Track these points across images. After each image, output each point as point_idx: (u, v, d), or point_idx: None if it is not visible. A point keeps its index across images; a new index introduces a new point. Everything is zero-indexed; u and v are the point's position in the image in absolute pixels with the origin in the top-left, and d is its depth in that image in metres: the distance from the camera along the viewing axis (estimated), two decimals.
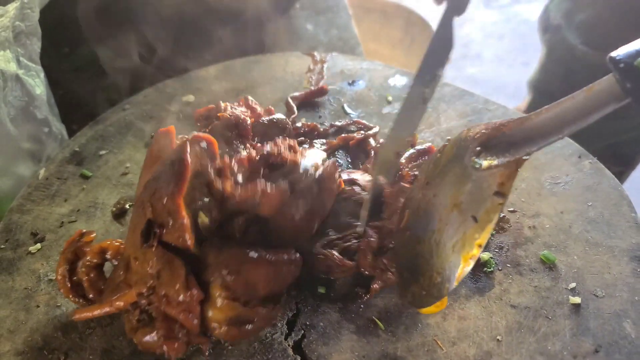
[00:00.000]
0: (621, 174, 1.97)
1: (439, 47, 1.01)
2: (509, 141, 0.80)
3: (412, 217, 0.95)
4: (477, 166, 0.82)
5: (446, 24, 1.01)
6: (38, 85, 1.32)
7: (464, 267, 0.82)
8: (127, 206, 1.19)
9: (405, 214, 0.97)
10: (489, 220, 0.80)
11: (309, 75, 1.53)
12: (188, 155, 0.86)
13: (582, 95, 0.75)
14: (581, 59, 1.78)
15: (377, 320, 0.96)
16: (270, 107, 1.27)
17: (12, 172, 1.28)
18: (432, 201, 0.89)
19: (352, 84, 1.49)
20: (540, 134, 0.78)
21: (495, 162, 0.80)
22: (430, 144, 1.19)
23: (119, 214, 1.18)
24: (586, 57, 1.77)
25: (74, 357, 0.94)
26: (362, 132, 1.30)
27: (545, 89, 2.06)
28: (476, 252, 0.81)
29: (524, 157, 0.79)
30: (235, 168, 0.94)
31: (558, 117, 0.76)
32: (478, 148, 0.83)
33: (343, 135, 1.29)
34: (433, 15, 2.79)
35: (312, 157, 0.99)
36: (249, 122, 1.09)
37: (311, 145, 1.25)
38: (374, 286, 0.97)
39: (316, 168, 0.97)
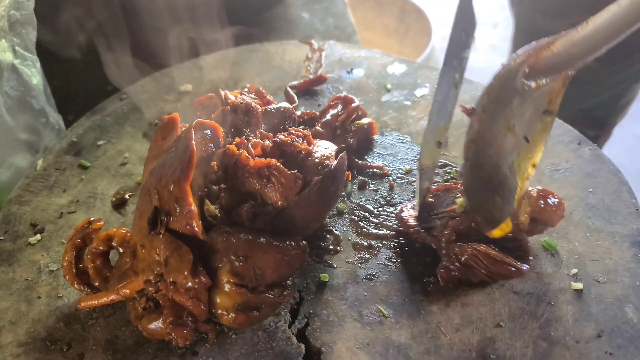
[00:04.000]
0: (597, 138, 2.03)
1: (462, 28, 0.99)
2: (556, 59, 0.81)
3: (473, 146, 0.96)
4: (527, 88, 0.82)
5: (466, 4, 0.99)
6: (34, 75, 1.31)
7: (522, 188, 0.87)
8: (126, 196, 1.18)
9: (467, 145, 0.98)
10: (542, 138, 0.84)
11: (307, 63, 1.52)
12: (193, 142, 0.86)
13: (626, 1, 0.73)
14: (541, 29, 1.83)
15: (380, 307, 0.96)
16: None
17: (10, 163, 1.27)
18: (489, 128, 0.91)
19: (350, 72, 1.48)
20: (587, 46, 0.77)
21: (543, 81, 0.81)
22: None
23: (118, 204, 1.17)
24: (545, 26, 1.83)
25: (77, 348, 0.93)
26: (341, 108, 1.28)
27: None
28: (531, 172, 0.86)
29: (570, 73, 0.80)
30: (250, 145, 0.95)
31: (603, 28, 0.75)
32: (527, 69, 0.83)
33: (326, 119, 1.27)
34: (428, 4, 2.79)
35: (326, 149, 0.99)
36: (259, 109, 1.09)
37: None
38: (440, 270, 0.98)
39: (330, 160, 0.96)
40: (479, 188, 0.94)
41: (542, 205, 0.94)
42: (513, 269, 0.96)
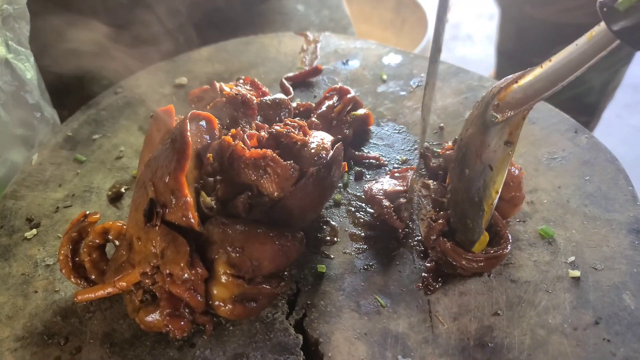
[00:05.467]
0: (587, 124, 2.05)
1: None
2: (521, 93, 0.86)
3: (451, 172, 1.03)
4: (493, 119, 0.88)
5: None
6: (28, 69, 1.30)
7: (488, 212, 0.93)
8: (122, 190, 1.18)
9: (450, 169, 1.05)
10: (502, 167, 0.90)
11: (303, 55, 1.52)
12: (188, 133, 0.86)
13: (583, 40, 0.78)
14: (529, 16, 1.86)
15: (377, 297, 0.96)
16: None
17: (5, 159, 1.27)
18: (464, 153, 0.97)
19: (346, 63, 1.48)
20: (548, 82, 0.82)
21: (508, 113, 0.87)
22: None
23: (114, 198, 1.17)
24: (533, 13, 1.84)
25: (75, 342, 0.93)
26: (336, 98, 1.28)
27: (503, 48, 2.15)
28: (494, 197, 0.91)
29: (529, 107, 0.85)
30: (246, 137, 0.95)
31: (563, 64, 0.80)
32: (496, 102, 0.89)
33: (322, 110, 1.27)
34: None
35: (322, 140, 0.98)
36: (255, 101, 1.08)
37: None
38: (428, 265, 0.99)
39: (326, 151, 0.95)
40: (456, 210, 1.00)
41: None
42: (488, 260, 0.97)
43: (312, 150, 0.95)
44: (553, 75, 0.81)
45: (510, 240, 0.99)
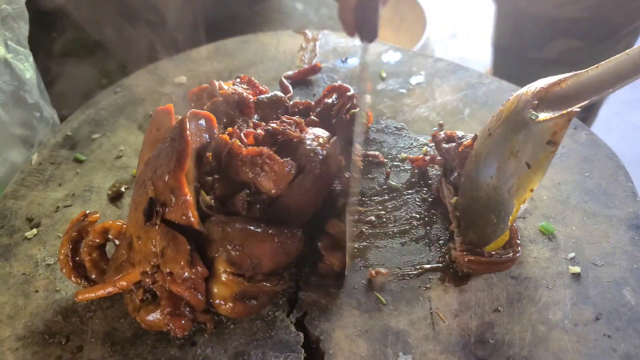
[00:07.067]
0: (584, 120, 2.04)
1: None
2: (564, 95, 0.86)
3: (474, 165, 1.01)
4: (534, 118, 0.87)
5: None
6: (27, 69, 1.30)
7: (517, 210, 0.90)
8: (122, 189, 1.18)
9: (468, 164, 1.04)
10: (542, 166, 0.88)
11: (302, 53, 1.52)
12: (188, 132, 0.86)
13: (636, 51, 0.77)
14: (524, 11, 1.84)
15: (378, 295, 0.96)
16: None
17: (4, 158, 1.27)
18: (493, 150, 0.96)
19: (345, 61, 1.48)
20: (594, 88, 0.82)
21: (550, 115, 0.86)
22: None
23: (114, 197, 1.17)
24: (528, 8, 1.82)
25: (76, 341, 0.93)
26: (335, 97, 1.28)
27: (499, 43, 2.13)
28: (528, 196, 0.89)
29: (576, 110, 0.83)
30: (243, 135, 0.95)
31: (612, 72, 0.80)
32: (536, 102, 0.88)
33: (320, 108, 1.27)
34: None
35: (318, 136, 0.98)
36: (251, 99, 1.08)
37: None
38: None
39: (322, 147, 0.95)
40: (474, 206, 0.98)
41: None
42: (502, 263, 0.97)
43: (309, 147, 0.95)
44: (599, 82, 0.81)
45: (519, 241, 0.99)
